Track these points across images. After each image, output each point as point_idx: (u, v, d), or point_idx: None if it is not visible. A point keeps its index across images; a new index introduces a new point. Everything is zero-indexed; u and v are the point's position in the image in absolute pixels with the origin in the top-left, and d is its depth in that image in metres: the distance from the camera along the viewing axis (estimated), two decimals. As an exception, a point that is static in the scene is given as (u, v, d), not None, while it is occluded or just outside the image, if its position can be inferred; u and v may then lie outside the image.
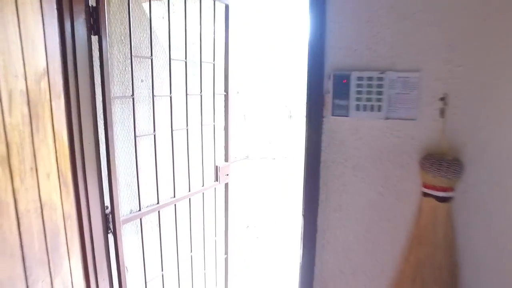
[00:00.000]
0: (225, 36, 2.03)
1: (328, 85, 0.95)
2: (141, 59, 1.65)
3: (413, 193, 0.93)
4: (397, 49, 0.90)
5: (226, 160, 2.16)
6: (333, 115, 0.96)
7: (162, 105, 1.75)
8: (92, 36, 1.38)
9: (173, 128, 1.75)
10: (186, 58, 1.79)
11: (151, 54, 1.61)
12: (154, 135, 1.66)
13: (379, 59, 0.92)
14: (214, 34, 1.95)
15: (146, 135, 1.67)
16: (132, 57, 1.52)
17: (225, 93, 2.08)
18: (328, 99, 0.95)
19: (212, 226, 2.13)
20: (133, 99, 1.55)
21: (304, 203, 1.02)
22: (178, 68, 1.84)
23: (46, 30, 1.21)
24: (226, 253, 2.26)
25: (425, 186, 0.87)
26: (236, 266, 3.04)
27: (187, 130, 1.84)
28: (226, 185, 2.18)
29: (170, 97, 1.72)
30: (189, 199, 1.91)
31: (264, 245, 4.14)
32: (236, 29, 2.37)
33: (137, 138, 1.60)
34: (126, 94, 1.59)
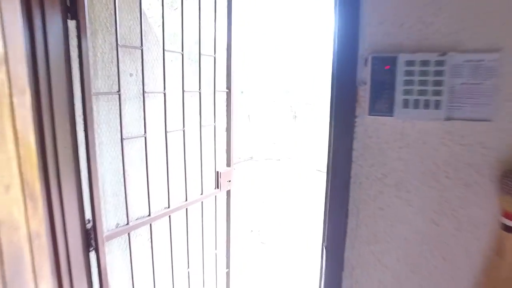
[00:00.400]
0: (227, 25, 1.75)
1: (364, 73, 0.67)
2: (131, 50, 1.38)
3: (485, 224, 0.65)
4: (464, 20, 0.62)
5: (228, 165, 1.88)
6: (370, 114, 0.68)
7: (155, 103, 1.48)
8: (69, 21, 1.12)
9: (167, 130, 1.48)
10: (182, 50, 1.52)
11: (141, 44, 1.34)
12: (145, 138, 1.39)
13: (438, 35, 0.64)
14: (215, 23, 1.68)
15: (136, 137, 1.40)
16: (118, 46, 1.25)
17: (227, 90, 1.80)
18: (364, 92, 0.67)
19: (212, 238, 1.85)
20: (119, 95, 1.28)
21: (327, 231, 0.75)
22: (174, 61, 1.58)
23: (3, 10, 0.96)
24: (228, 267, 1.99)
25: (509, 217, 0.59)
26: (239, 279, 2.77)
27: (183, 131, 1.57)
28: (228, 192, 1.91)
29: (164, 94, 1.45)
30: (186, 209, 1.63)
31: (270, 252, 3.85)
32: (241, 21, 2.08)
33: (124, 141, 1.33)
34: (112, 90, 1.33)
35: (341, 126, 0.71)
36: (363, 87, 0.68)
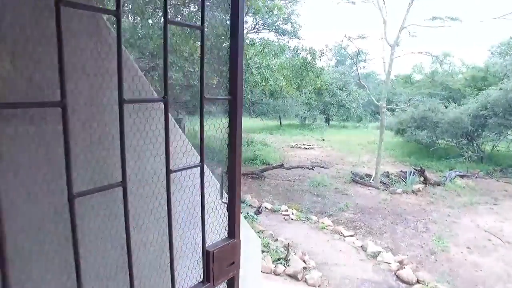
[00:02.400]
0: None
1: None
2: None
3: None
4: None
5: (232, 235, 0.96)
6: None
7: (40, 130, 0.63)
8: None
9: (76, 190, 0.61)
10: (118, 9, 0.63)
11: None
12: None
13: None
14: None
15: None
16: None
17: (229, 98, 0.88)
18: None
19: None
20: None
21: None
22: (89, 33, 0.70)
23: None
24: None
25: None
26: None
27: (124, 188, 0.68)
28: (231, 283, 0.99)
29: (62, 109, 0.58)
30: None
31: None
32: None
33: None
34: None
35: None
36: None
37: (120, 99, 0.65)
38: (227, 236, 0.96)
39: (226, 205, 0.96)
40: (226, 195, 0.96)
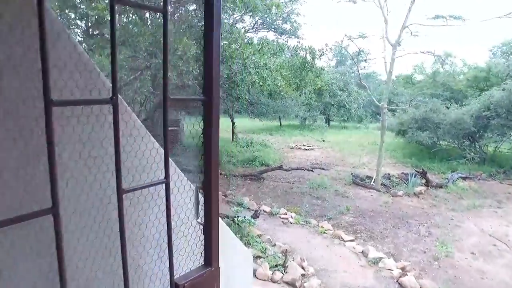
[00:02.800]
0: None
1: None
2: None
3: None
4: None
5: (209, 263, 0.80)
6: None
7: None
8: None
9: None
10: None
11: None
12: None
13: None
14: None
15: None
16: None
17: (204, 98, 0.73)
18: None
19: None
20: None
21: None
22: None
23: None
24: None
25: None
26: None
27: (55, 215, 0.53)
28: (208, 319, 0.83)
29: None
30: None
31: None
32: None
33: None
34: None
35: None
36: None
37: (46, 100, 0.49)
38: (203, 263, 0.80)
39: (202, 227, 0.80)
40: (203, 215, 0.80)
